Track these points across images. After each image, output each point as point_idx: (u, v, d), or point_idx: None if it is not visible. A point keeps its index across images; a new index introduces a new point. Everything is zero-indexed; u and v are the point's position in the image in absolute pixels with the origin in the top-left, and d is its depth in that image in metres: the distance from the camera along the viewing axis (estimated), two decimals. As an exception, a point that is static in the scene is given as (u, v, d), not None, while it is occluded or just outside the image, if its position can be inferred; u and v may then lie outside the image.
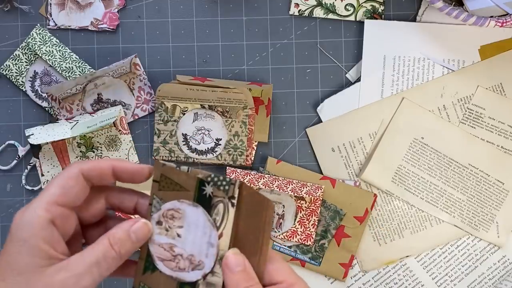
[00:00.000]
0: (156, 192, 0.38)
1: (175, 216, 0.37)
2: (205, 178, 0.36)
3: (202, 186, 0.36)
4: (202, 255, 0.36)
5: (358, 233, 0.68)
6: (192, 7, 0.70)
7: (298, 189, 0.67)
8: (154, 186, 0.38)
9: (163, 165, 0.37)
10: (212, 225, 0.36)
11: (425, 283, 0.70)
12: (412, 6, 0.70)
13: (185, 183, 0.36)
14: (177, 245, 0.37)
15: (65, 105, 0.69)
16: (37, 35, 0.69)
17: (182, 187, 0.37)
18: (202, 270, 0.36)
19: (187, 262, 0.37)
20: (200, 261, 0.36)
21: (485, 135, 0.69)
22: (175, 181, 0.37)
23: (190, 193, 0.36)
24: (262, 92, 0.68)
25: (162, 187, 0.37)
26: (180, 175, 0.37)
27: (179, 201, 0.37)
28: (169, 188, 0.37)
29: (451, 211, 0.69)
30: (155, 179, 0.38)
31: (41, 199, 0.35)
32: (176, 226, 0.37)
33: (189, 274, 0.37)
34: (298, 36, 0.70)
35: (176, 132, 0.69)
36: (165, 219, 0.37)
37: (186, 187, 0.36)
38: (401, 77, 0.69)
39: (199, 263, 0.36)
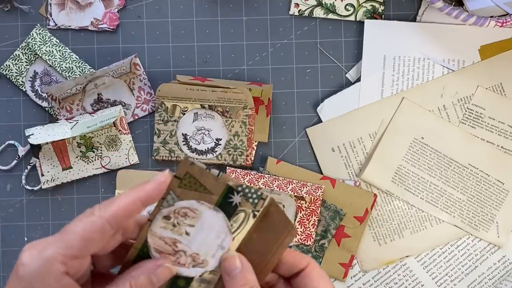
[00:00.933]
0: (174, 188, 0.37)
1: (188, 215, 0.36)
2: (236, 187, 0.35)
3: (230, 193, 0.35)
4: (208, 256, 0.36)
5: (358, 233, 0.68)
6: (192, 7, 0.70)
7: (298, 189, 0.67)
8: (174, 181, 0.36)
9: (191, 163, 0.36)
10: (229, 230, 0.35)
11: (425, 283, 0.70)
12: (412, 6, 0.70)
13: (211, 187, 0.36)
14: (182, 242, 0.36)
15: (65, 105, 0.69)
16: (37, 35, 0.69)
17: (207, 190, 0.36)
18: (204, 268, 0.36)
19: (189, 259, 0.36)
20: (205, 260, 0.36)
21: (485, 135, 0.69)
22: (200, 182, 0.36)
23: (214, 197, 0.36)
24: (262, 92, 0.68)
25: (184, 185, 0.36)
26: (208, 178, 0.36)
27: (198, 202, 0.36)
28: (191, 188, 0.36)
29: (451, 211, 0.69)
30: (177, 176, 0.36)
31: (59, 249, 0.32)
32: (187, 224, 0.36)
33: (188, 270, 0.36)
34: (298, 36, 0.70)
35: (176, 132, 0.69)
36: (175, 215, 0.37)
37: (211, 190, 0.36)
38: (401, 77, 0.69)
39: (203, 262, 0.36)
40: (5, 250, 0.70)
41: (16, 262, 0.33)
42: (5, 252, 0.70)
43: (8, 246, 0.70)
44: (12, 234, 0.70)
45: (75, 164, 0.69)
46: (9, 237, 0.70)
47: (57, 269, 0.32)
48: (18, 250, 0.70)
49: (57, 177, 0.69)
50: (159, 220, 0.37)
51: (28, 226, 0.70)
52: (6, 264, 0.70)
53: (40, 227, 0.70)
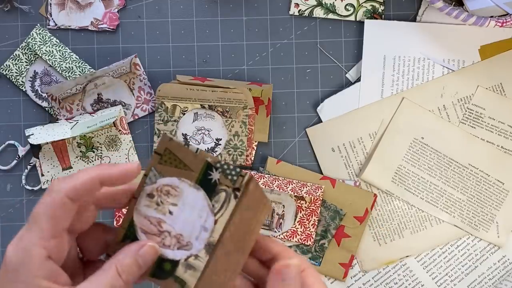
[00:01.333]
0: (155, 165, 0.36)
1: (170, 193, 0.36)
2: (214, 163, 0.35)
3: (209, 170, 0.35)
4: (192, 237, 0.35)
5: (358, 233, 0.68)
6: (192, 7, 0.70)
7: (298, 189, 0.67)
8: (155, 157, 0.36)
9: (170, 139, 0.36)
10: (210, 210, 0.35)
11: (425, 283, 0.70)
12: (412, 6, 0.70)
13: (190, 163, 0.35)
14: (166, 221, 0.36)
15: (65, 105, 0.69)
16: (37, 35, 0.69)
17: (186, 166, 0.35)
18: (189, 251, 0.35)
19: (174, 240, 0.36)
20: (189, 242, 0.35)
21: (485, 135, 0.69)
22: (179, 158, 0.36)
23: (194, 174, 0.35)
24: (262, 92, 0.68)
25: (164, 162, 0.36)
26: (187, 154, 0.35)
27: (179, 179, 0.36)
28: (171, 164, 0.36)
29: (451, 211, 0.69)
30: (157, 151, 0.36)
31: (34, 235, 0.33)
32: (170, 203, 0.36)
33: (173, 252, 0.36)
34: (298, 36, 0.70)
35: (176, 132, 0.69)
36: (158, 193, 0.36)
37: (191, 167, 0.35)
38: (401, 77, 0.69)
39: (187, 244, 0.35)
40: (5, 250, 0.70)
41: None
42: (5, 252, 0.70)
43: (8, 246, 0.70)
44: (12, 234, 0.70)
45: (75, 164, 0.69)
46: (9, 237, 0.70)
47: (39, 254, 0.32)
48: (18, 250, 0.70)
49: (57, 177, 0.69)
50: (143, 198, 0.36)
51: (28, 226, 0.70)
52: (6, 264, 0.70)
53: (40, 227, 0.70)
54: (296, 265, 0.36)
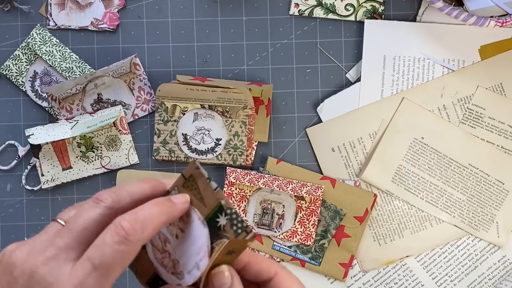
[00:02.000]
0: (179, 186, 0.36)
1: (182, 218, 0.36)
2: (226, 208, 0.34)
3: (219, 212, 0.34)
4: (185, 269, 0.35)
5: (358, 233, 0.68)
6: (192, 7, 0.70)
7: (298, 189, 0.67)
8: (180, 179, 0.36)
9: (197, 167, 0.35)
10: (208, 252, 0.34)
11: (425, 283, 0.70)
12: (412, 6, 0.70)
13: (206, 198, 0.35)
14: (171, 243, 0.36)
15: (65, 105, 0.69)
16: (37, 35, 0.69)
17: (202, 200, 0.35)
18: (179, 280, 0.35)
19: (170, 263, 0.36)
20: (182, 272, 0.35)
21: (485, 135, 0.69)
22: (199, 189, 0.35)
23: (206, 210, 0.35)
24: (262, 92, 0.68)
25: (186, 186, 0.36)
26: (207, 188, 0.35)
27: (193, 208, 0.36)
28: (191, 192, 0.36)
29: (451, 211, 0.69)
30: (184, 175, 0.36)
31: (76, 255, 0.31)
32: (179, 227, 0.36)
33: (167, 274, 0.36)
34: (298, 36, 0.70)
35: (176, 132, 0.69)
36: None
37: (205, 201, 0.35)
38: (401, 77, 0.69)
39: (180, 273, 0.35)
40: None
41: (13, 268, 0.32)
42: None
43: (8, 246, 0.70)
44: (12, 234, 0.70)
45: (75, 164, 0.69)
46: (9, 237, 0.70)
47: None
48: (18, 250, 0.70)
49: (57, 177, 0.69)
50: None
51: (28, 226, 0.70)
52: (6, 264, 0.70)
53: (40, 227, 0.70)
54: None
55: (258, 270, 0.36)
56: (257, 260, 0.36)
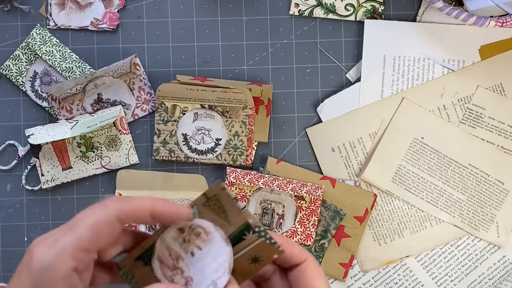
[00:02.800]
0: (199, 205, 0.36)
1: (201, 236, 0.36)
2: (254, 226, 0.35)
3: (246, 231, 0.35)
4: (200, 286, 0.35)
5: (358, 233, 0.68)
6: (192, 7, 0.70)
7: (298, 189, 0.67)
8: (201, 198, 0.36)
9: (223, 188, 0.36)
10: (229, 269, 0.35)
11: (425, 283, 0.70)
12: (412, 6, 0.70)
13: (232, 217, 0.36)
14: (185, 260, 0.36)
15: (65, 105, 0.69)
16: (37, 35, 0.69)
17: (227, 219, 0.36)
18: None
19: (182, 281, 0.36)
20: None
21: (485, 135, 0.69)
22: (224, 208, 0.36)
23: (230, 229, 0.35)
24: (262, 92, 0.68)
25: (208, 205, 0.36)
26: (232, 208, 0.35)
27: (215, 226, 0.36)
28: (214, 211, 0.36)
29: (451, 211, 0.69)
30: (207, 195, 0.36)
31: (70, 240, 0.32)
32: (195, 245, 0.36)
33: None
34: (298, 36, 0.70)
35: (176, 132, 0.69)
36: (189, 230, 0.36)
37: (231, 220, 0.36)
38: (401, 77, 0.69)
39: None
40: (5, 250, 0.70)
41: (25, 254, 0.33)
42: (5, 252, 0.70)
43: (8, 246, 0.70)
44: (12, 234, 0.70)
45: (75, 164, 0.69)
46: (9, 237, 0.70)
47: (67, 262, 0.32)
48: (18, 250, 0.70)
49: (57, 177, 0.69)
50: (173, 230, 0.36)
51: (28, 226, 0.70)
52: (6, 264, 0.70)
53: (40, 227, 0.70)
54: None
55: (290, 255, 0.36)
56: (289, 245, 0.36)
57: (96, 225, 0.32)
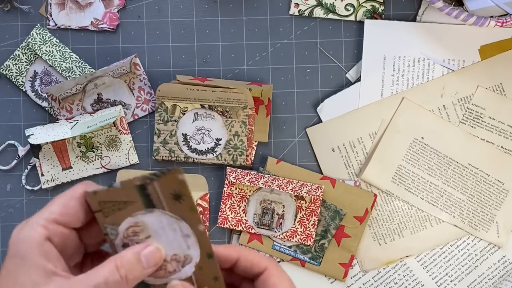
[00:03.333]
0: (104, 222, 0.36)
1: (137, 231, 0.36)
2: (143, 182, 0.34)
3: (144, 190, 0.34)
4: (184, 249, 0.36)
5: (358, 233, 0.68)
6: (192, 7, 0.70)
7: (298, 189, 0.67)
8: (99, 216, 0.36)
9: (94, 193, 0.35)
10: (176, 218, 0.35)
11: (425, 283, 0.70)
12: (412, 6, 0.70)
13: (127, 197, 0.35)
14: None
15: (65, 105, 0.69)
16: (37, 35, 0.69)
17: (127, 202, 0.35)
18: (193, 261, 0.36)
19: (174, 264, 0.36)
20: (186, 255, 0.36)
21: (485, 135, 0.69)
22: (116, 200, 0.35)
23: (138, 203, 0.35)
24: (262, 92, 0.68)
25: (108, 213, 0.36)
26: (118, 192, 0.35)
27: (132, 216, 0.35)
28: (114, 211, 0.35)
29: (451, 211, 0.69)
30: (95, 211, 0.36)
31: (40, 215, 0.35)
32: (144, 239, 0.36)
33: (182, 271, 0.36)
34: (298, 36, 0.70)
35: (176, 132, 0.69)
36: (129, 239, 0.36)
37: (130, 200, 0.35)
38: (401, 77, 0.69)
39: (186, 258, 0.36)
40: (5, 250, 0.70)
41: None
42: (5, 252, 0.70)
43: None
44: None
45: (75, 164, 0.69)
46: (9, 237, 0.70)
47: (39, 231, 0.34)
48: (18, 250, 0.70)
49: (57, 177, 0.69)
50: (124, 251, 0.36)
51: (28, 226, 0.70)
52: (6, 264, 0.70)
53: (40, 227, 0.70)
54: None
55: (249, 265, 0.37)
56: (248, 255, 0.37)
57: (65, 200, 0.35)
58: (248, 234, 0.68)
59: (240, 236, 0.69)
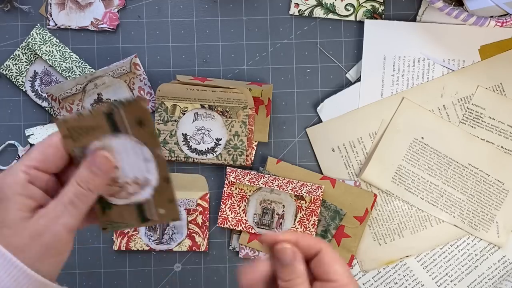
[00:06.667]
0: (72, 146, 0.40)
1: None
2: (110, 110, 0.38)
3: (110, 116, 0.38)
4: (144, 173, 0.39)
5: (358, 233, 0.68)
6: (192, 7, 0.70)
7: (298, 189, 0.67)
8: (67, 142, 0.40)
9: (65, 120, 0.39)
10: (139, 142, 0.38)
11: (425, 283, 0.70)
12: (412, 6, 0.70)
13: (95, 123, 0.38)
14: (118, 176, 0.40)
15: (65, 105, 0.69)
16: (37, 35, 0.69)
17: (95, 127, 0.39)
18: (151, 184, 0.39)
19: (134, 186, 0.40)
20: (145, 178, 0.39)
21: (485, 135, 0.69)
22: (84, 126, 0.39)
23: (105, 128, 0.38)
24: (262, 92, 0.68)
25: (76, 138, 0.39)
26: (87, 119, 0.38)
27: (99, 140, 0.39)
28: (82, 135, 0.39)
29: (451, 211, 0.69)
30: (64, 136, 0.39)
31: (21, 162, 0.39)
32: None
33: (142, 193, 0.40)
34: (298, 36, 0.70)
35: (176, 132, 0.69)
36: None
37: (98, 125, 0.38)
38: (401, 77, 0.69)
39: (145, 181, 0.39)
40: (5, 250, 0.70)
41: None
42: None
43: (8, 246, 0.70)
44: (12, 234, 0.70)
45: (75, 164, 0.69)
46: (9, 237, 0.70)
47: (21, 176, 0.39)
48: (18, 250, 0.70)
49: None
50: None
51: (28, 226, 0.70)
52: (6, 264, 0.70)
53: (40, 227, 0.70)
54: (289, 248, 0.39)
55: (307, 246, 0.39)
56: (306, 238, 0.40)
57: (43, 148, 0.40)
58: (248, 234, 0.69)
59: (240, 236, 0.69)
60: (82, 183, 0.39)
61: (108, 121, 0.38)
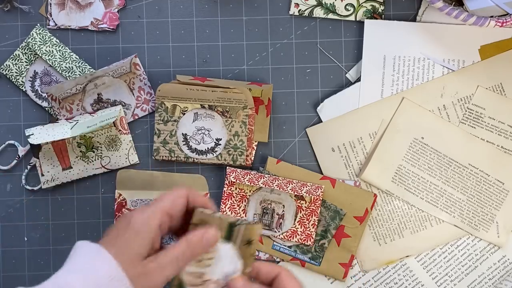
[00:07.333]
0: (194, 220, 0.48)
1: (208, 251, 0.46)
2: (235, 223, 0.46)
3: (232, 226, 0.46)
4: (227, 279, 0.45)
5: (358, 233, 0.68)
6: (192, 7, 0.70)
7: (298, 189, 0.67)
8: (192, 227, 0.47)
9: (201, 212, 0.47)
10: (238, 256, 0.46)
11: (425, 283, 0.70)
12: (412, 6, 0.70)
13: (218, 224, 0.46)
14: (206, 273, 0.46)
15: (65, 105, 0.69)
16: (37, 35, 0.69)
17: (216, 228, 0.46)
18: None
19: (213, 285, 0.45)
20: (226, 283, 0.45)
21: (485, 135, 0.69)
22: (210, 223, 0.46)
23: (223, 232, 0.46)
24: (262, 92, 0.68)
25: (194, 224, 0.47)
26: (214, 220, 0.47)
27: None
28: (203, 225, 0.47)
29: (451, 211, 0.69)
30: (194, 223, 0.47)
31: (158, 206, 0.46)
32: (207, 258, 0.46)
33: None
34: (298, 36, 0.70)
35: (176, 132, 0.69)
36: None
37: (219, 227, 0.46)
38: (401, 77, 0.69)
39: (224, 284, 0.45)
40: (5, 250, 0.70)
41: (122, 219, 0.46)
42: (5, 252, 0.70)
43: (8, 246, 0.70)
44: (12, 234, 0.70)
45: (75, 164, 0.69)
46: (9, 237, 0.70)
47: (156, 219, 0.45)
48: (18, 250, 0.70)
49: (57, 177, 0.69)
50: None
51: (28, 226, 0.70)
52: (6, 264, 0.70)
53: (40, 227, 0.70)
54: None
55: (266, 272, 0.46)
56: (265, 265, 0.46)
57: (174, 197, 0.47)
58: (248, 234, 0.68)
59: (240, 236, 0.69)
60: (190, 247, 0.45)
61: (228, 228, 0.46)
